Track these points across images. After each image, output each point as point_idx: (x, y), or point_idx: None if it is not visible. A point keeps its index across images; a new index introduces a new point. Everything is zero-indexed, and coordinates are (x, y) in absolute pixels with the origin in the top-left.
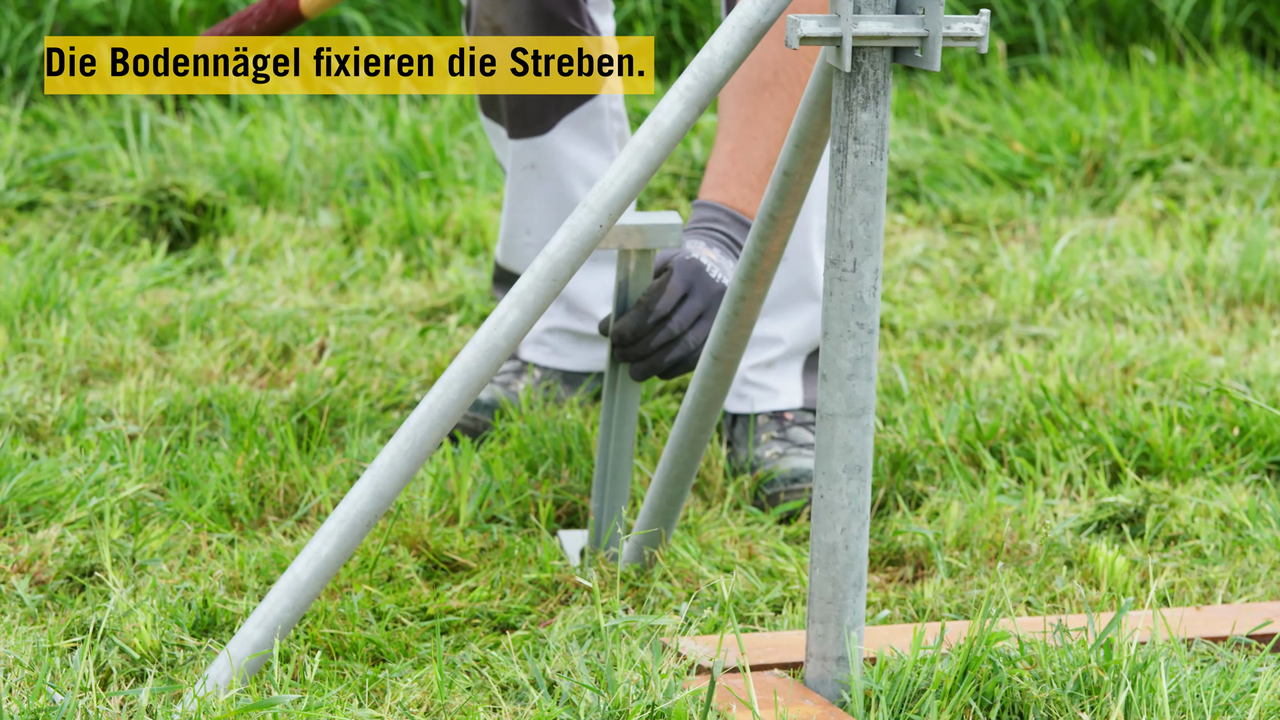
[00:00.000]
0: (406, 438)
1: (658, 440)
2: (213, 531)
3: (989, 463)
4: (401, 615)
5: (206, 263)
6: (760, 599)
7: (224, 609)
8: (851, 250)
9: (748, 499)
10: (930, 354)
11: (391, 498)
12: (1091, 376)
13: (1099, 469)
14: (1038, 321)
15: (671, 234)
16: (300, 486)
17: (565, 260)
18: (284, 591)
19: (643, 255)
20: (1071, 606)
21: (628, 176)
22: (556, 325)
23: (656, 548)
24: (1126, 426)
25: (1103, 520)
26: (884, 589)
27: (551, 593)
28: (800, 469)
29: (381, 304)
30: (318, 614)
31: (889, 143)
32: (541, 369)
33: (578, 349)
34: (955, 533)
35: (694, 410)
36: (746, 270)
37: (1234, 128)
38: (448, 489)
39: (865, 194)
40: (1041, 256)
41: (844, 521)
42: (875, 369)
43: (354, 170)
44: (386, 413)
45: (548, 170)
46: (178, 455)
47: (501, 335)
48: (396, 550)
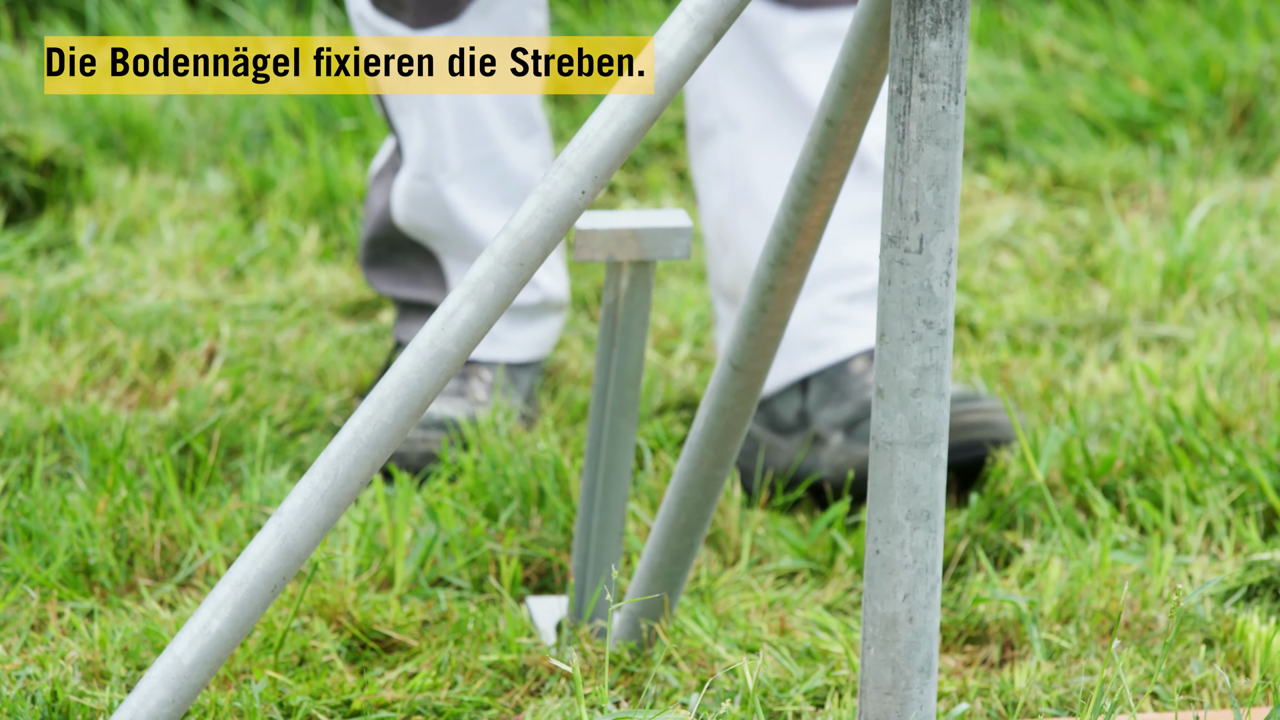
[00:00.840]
0: (324, 475)
1: (659, 477)
2: (65, 599)
3: (1101, 507)
4: (318, 710)
5: (56, 240)
6: (796, 688)
7: (80, 703)
8: (916, 224)
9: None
10: (1022, 362)
11: (304, 555)
12: (1238, 392)
13: (1248, 516)
14: (1166, 319)
15: (678, 241)
16: (182, 539)
17: (535, 238)
18: (160, 680)
19: (639, 269)
20: (1213, 699)
21: (618, 127)
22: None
23: (658, 619)
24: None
25: (1254, 584)
26: (961, 675)
27: (518, 680)
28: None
29: (291, 296)
30: (206, 709)
31: (967, 80)
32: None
33: (515, 328)
34: (1056, 600)
35: (707, 437)
36: (778, 252)
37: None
38: (379, 542)
39: (935, 149)
40: (1171, 232)
41: (908, 585)
42: (949, 382)
43: (253, 118)
44: (296, 439)
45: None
46: (18, 498)
47: (451, 338)
48: (311, 624)
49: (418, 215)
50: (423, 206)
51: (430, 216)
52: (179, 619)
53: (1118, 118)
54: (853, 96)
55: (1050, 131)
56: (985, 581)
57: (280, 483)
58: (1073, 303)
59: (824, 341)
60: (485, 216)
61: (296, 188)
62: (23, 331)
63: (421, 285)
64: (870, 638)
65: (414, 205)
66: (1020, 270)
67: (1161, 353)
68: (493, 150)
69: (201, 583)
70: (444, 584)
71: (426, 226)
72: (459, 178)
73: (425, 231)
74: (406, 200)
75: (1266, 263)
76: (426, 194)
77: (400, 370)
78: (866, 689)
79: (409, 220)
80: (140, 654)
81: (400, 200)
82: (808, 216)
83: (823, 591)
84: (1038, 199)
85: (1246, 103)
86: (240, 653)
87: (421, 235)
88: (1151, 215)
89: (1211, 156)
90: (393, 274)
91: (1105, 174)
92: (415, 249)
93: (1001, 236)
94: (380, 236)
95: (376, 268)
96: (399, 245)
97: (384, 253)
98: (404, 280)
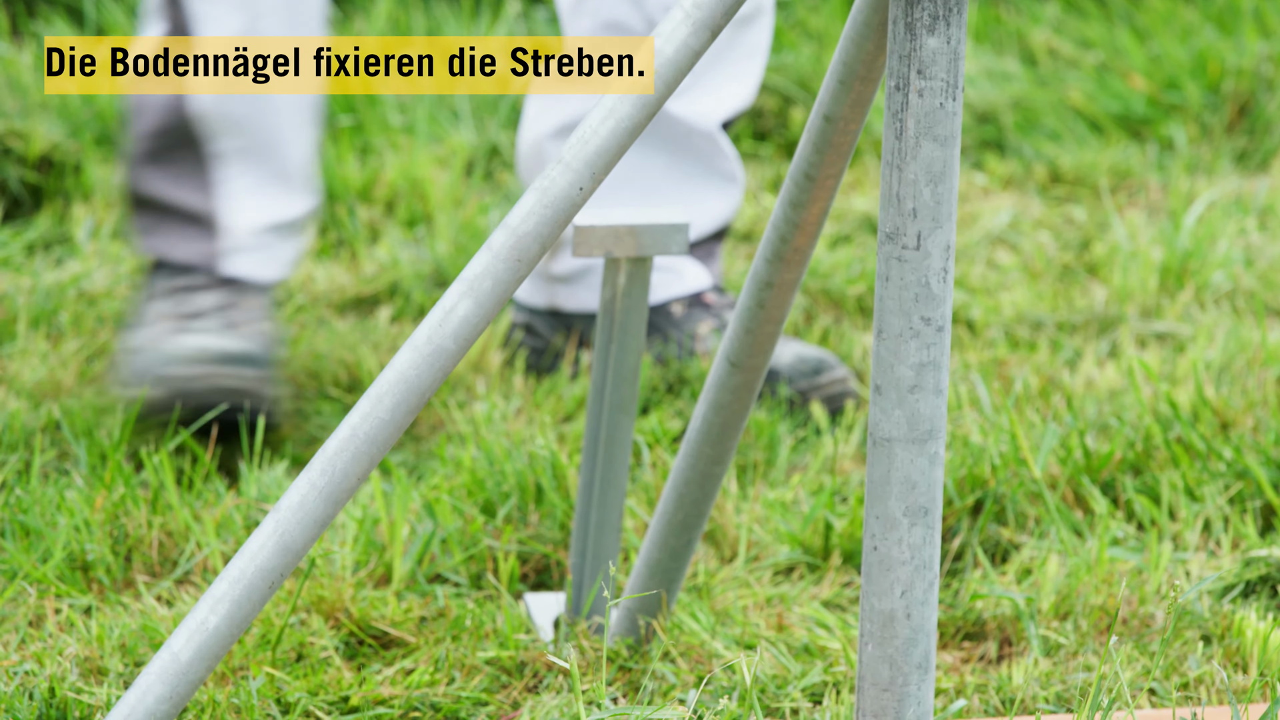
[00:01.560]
0: (322, 471)
1: (656, 473)
2: (63, 596)
3: (1099, 503)
4: (315, 707)
5: (53, 237)
6: (794, 685)
7: (77, 700)
8: (914, 221)
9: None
10: (1020, 358)
11: (302, 551)
12: (1236, 389)
13: (1246, 512)
14: (1164, 315)
15: (676, 238)
16: (180, 536)
17: (533, 234)
18: (158, 676)
19: (637, 265)
20: (1210, 695)
21: (616, 123)
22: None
23: (655, 616)
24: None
25: (1251, 581)
26: (959, 671)
27: (516, 676)
28: (802, 353)
29: (288, 292)
30: (203, 706)
31: (964, 77)
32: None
33: (284, 246)
34: (1054, 597)
35: (705, 434)
36: (775, 249)
37: None
38: (377, 539)
39: (932, 146)
40: (1169, 228)
41: (905, 582)
42: (946, 379)
43: None
44: (294, 435)
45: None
46: (15, 494)
47: (449, 334)
48: (309, 620)
49: (223, 99)
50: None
51: (238, 100)
52: (176, 615)
53: (1115, 114)
54: (850, 93)
55: (1048, 128)
56: (983, 578)
57: (278, 479)
58: (1070, 299)
59: None
60: (298, 110)
61: None
62: (20, 328)
63: (188, 190)
64: (868, 634)
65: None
66: (1018, 267)
67: (1159, 349)
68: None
69: (199, 579)
70: (442, 580)
71: (233, 112)
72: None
73: (227, 120)
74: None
75: (1264, 259)
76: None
77: (398, 366)
78: (864, 685)
79: (216, 106)
80: (138, 650)
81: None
82: (805, 213)
83: (820, 587)
84: (1035, 196)
85: (1244, 99)
86: (238, 649)
87: (216, 126)
88: (1149, 212)
89: (1209, 153)
90: (163, 174)
91: (1103, 170)
92: (192, 148)
93: (999, 233)
94: (165, 128)
95: (154, 165)
96: (179, 141)
97: (159, 149)
98: (171, 183)
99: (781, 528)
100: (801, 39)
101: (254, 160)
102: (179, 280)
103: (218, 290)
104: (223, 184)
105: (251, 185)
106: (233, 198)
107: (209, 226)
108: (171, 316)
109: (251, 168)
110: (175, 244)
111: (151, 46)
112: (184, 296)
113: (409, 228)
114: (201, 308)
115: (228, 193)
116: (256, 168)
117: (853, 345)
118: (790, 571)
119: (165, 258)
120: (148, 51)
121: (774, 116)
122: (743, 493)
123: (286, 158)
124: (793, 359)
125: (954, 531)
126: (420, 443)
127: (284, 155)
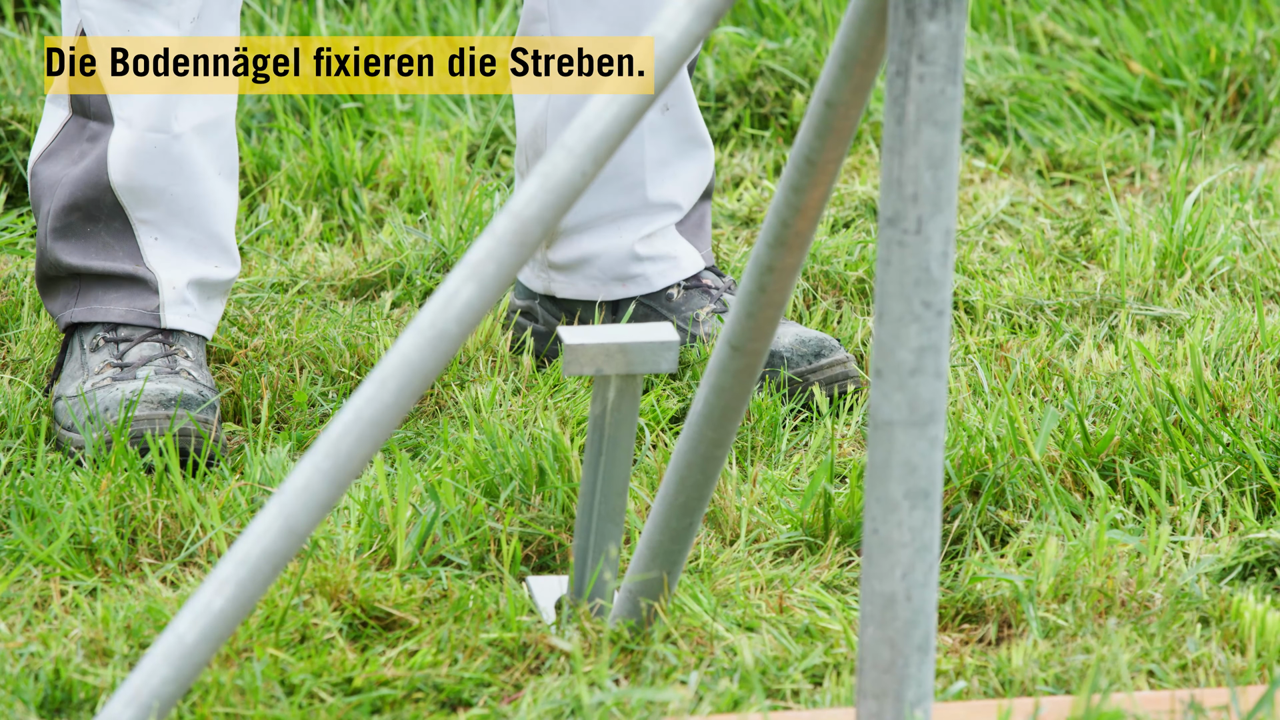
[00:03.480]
0: (326, 454)
1: (657, 457)
2: (68, 578)
3: (1098, 486)
4: (319, 688)
5: None
6: (795, 666)
7: (83, 681)
8: (915, 205)
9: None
10: (1019, 342)
11: (306, 533)
12: (1235, 372)
13: (1244, 495)
14: (1162, 299)
15: (666, 355)
16: (185, 518)
17: (536, 219)
18: (163, 658)
19: (626, 382)
20: (1208, 678)
21: (618, 109)
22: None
23: (657, 598)
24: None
25: (1249, 563)
26: (958, 653)
27: (518, 658)
28: (803, 336)
29: (293, 277)
30: (208, 687)
31: (964, 63)
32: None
33: (213, 305)
34: (1053, 579)
35: (706, 417)
36: (777, 233)
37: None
38: (380, 521)
39: (933, 131)
40: (1168, 213)
41: (905, 564)
42: (946, 362)
43: (255, 98)
44: (298, 418)
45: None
46: (21, 476)
47: (453, 318)
48: (312, 602)
49: (142, 171)
50: (148, 160)
51: (157, 171)
52: (181, 597)
53: (1115, 99)
54: (851, 79)
55: (1047, 113)
56: (982, 560)
57: (282, 462)
58: (1069, 283)
59: (633, 277)
60: (216, 180)
61: (298, 168)
62: (24, 311)
63: (114, 257)
64: (868, 616)
65: (140, 160)
66: (1017, 251)
67: (1158, 333)
68: (228, 109)
69: (204, 561)
70: (444, 562)
71: (149, 185)
72: (199, 130)
73: (144, 193)
74: (131, 156)
75: (1262, 243)
76: (158, 146)
77: (402, 350)
78: (865, 667)
79: (128, 179)
80: (143, 632)
81: (122, 157)
82: (806, 197)
83: (820, 568)
84: (1034, 180)
85: (1243, 84)
86: (241, 631)
87: (138, 197)
88: (1148, 196)
89: (1208, 138)
90: (84, 245)
91: (1102, 155)
92: (114, 218)
93: (998, 217)
94: (78, 202)
95: (67, 239)
96: (97, 213)
97: (77, 222)
98: (95, 252)
99: (781, 506)
100: (802, 24)
101: (173, 230)
102: (116, 334)
103: (155, 340)
104: (149, 248)
105: (177, 249)
106: (161, 259)
107: (145, 284)
108: (112, 365)
109: (170, 236)
110: (110, 306)
111: (52, 134)
112: (124, 347)
113: (412, 212)
114: (143, 356)
115: (155, 255)
116: (175, 237)
117: (854, 329)
118: (791, 552)
119: (101, 319)
120: (46, 143)
121: (775, 101)
122: (743, 475)
123: (204, 228)
124: (793, 342)
125: (954, 514)
126: (422, 420)
127: (203, 225)
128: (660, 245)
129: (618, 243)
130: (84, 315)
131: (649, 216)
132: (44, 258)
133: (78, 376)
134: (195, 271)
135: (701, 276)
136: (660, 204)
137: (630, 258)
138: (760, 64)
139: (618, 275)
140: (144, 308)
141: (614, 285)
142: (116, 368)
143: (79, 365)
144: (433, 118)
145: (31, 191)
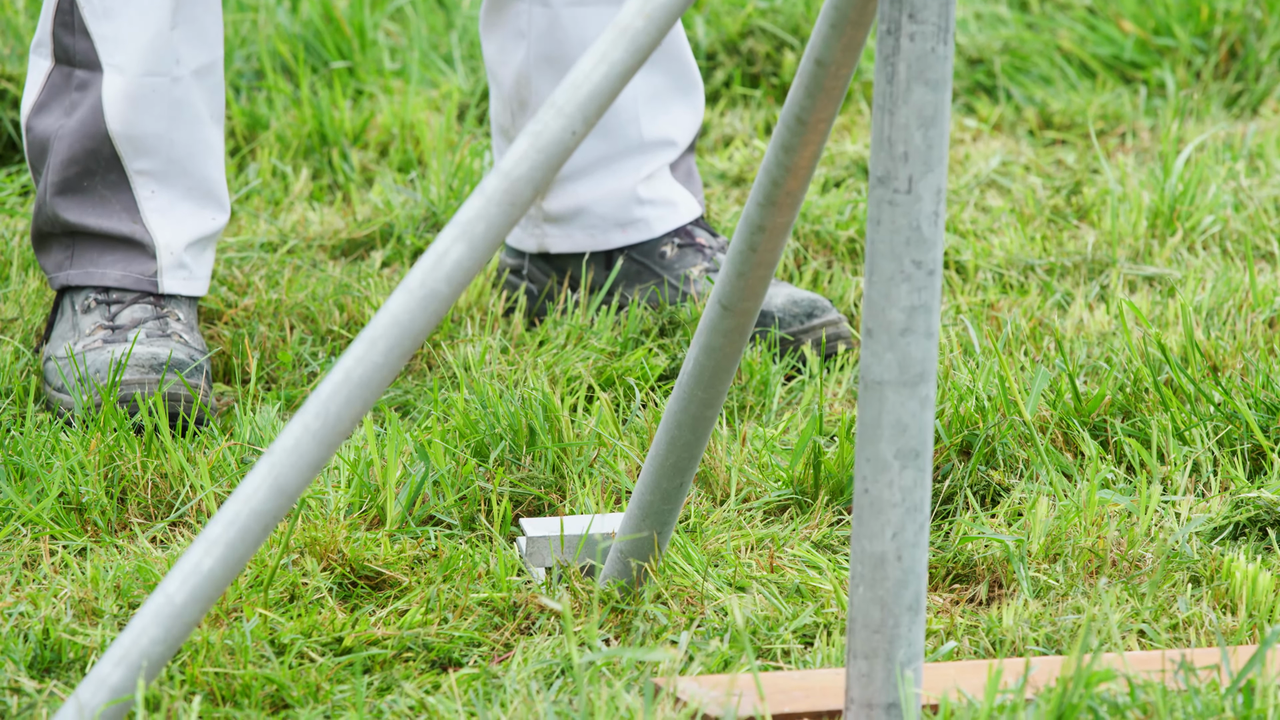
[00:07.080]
0: (315, 414)
1: (647, 415)
2: (57, 538)
3: (1089, 446)
4: (309, 648)
5: None
6: (785, 626)
7: (72, 641)
8: (905, 164)
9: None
10: (1010, 301)
11: (296, 493)
12: (1226, 332)
13: (1236, 455)
14: (1154, 259)
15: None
16: (174, 478)
17: (526, 178)
18: (152, 618)
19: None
20: (1199, 637)
21: (608, 68)
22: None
23: (647, 558)
24: (1272, 398)
25: (1241, 523)
26: (949, 613)
27: (508, 617)
28: (794, 296)
29: (282, 236)
30: (198, 647)
31: (956, 21)
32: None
33: (205, 259)
34: (1044, 539)
35: (697, 377)
36: (767, 192)
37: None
38: (370, 481)
39: (924, 90)
40: (1159, 172)
41: (896, 524)
42: (937, 322)
43: (244, 57)
44: (287, 378)
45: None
46: (10, 435)
47: (442, 278)
48: (302, 561)
49: (141, 117)
50: (147, 106)
51: (156, 116)
52: (171, 557)
53: (1106, 59)
54: (841, 37)
55: (1038, 72)
56: (973, 520)
57: (272, 422)
58: (1060, 243)
59: (634, 221)
60: (210, 125)
61: (287, 127)
62: (12, 271)
63: (111, 214)
64: (859, 576)
65: (139, 106)
66: (1008, 210)
67: (1149, 293)
68: (219, 53)
69: (194, 521)
70: (434, 522)
71: (149, 131)
72: (197, 74)
73: (143, 140)
74: (129, 103)
75: (1254, 203)
76: (157, 90)
77: (391, 310)
78: (855, 627)
79: (127, 126)
80: (133, 592)
81: (119, 104)
82: (797, 157)
83: (810, 527)
84: (1026, 139)
85: (1234, 42)
86: (231, 591)
87: (136, 145)
88: (1139, 155)
89: (1199, 97)
90: (81, 200)
91: (1093, 115)
92: (111, 170)
93: (989, 177)
94: (77, 155)
95: (65, 194)
96: (94, 166)
97: (74, 176)
98: (92, 207)
99: (772, 463)
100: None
101: (170, 179)
102: (108, 296)
103: (147, 302)
104: (146, 201)
105: (174, 201)
106: (158, 215)
107: (141, 248)
108: (104, 328)
109: (168, 186)
110: (107, 270)
111: (39, 85)
112: (115, 309)
113: (402, 172)
114: (134, 318)
115: (152, 210)
116: (172, 186)
117: (845, 288)
118: (781, 511)
119: (96, 284)
120: (35, 95)
121: (766, 61)
122: (734, 434)
123: (201, 174)
124: (785, 302)
125: (944, 474)
126: (410, 378)
127: (198, 172)
128: (660, 188)
129: (616, 186)
130: (80, 279)
131: (646, 155)
132: (41, 212)
133: (68, 337)
134: (191, 230)
135: (696, 234)
136: (655, 141)
137: (633, 200)
138: (751, 23)
139: (618, 221)
140: (140, 273)
141: (613, 232)
142: (108, 329)
143: (70, 326)
144: (422, 77)
145: (29, 148)
